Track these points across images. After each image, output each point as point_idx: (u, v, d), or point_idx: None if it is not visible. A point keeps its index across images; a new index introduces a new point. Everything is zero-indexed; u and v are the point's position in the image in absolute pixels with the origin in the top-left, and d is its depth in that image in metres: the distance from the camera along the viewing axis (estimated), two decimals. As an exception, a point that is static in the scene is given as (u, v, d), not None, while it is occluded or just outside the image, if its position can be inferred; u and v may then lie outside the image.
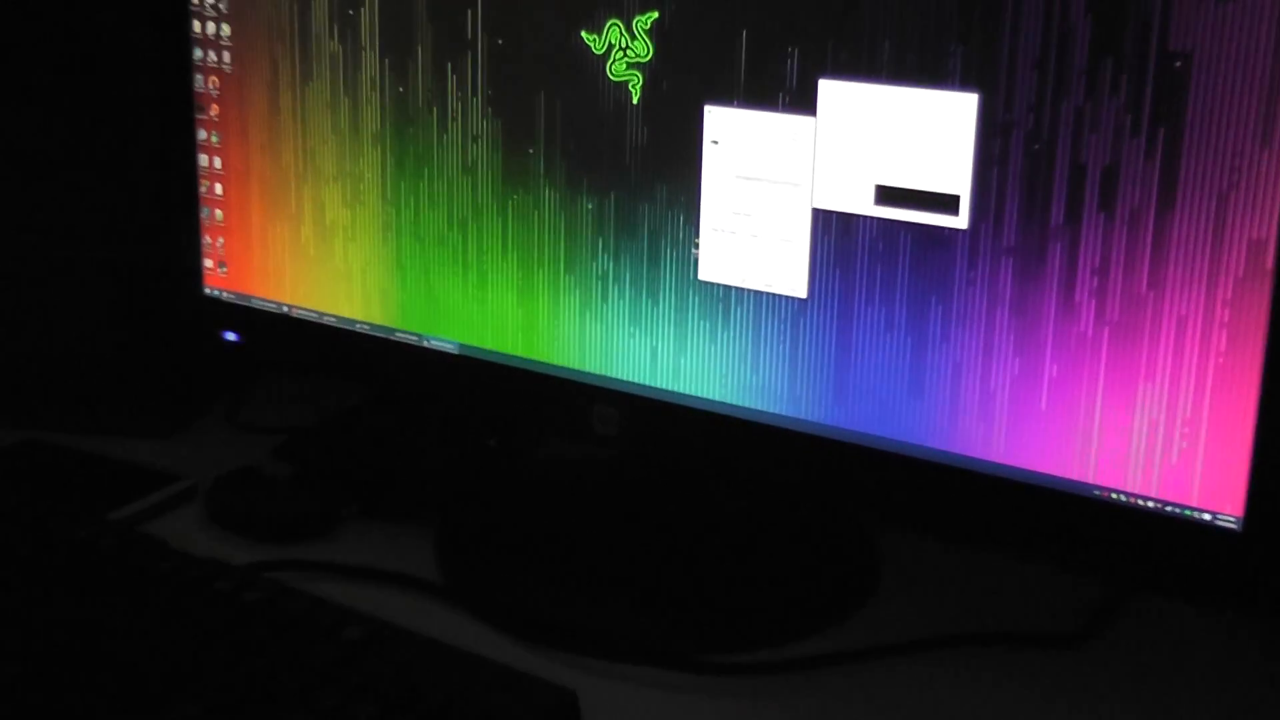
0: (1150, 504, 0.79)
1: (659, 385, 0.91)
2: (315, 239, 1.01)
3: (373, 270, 0.99)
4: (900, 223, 0.81)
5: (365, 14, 0.94)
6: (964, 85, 0.78)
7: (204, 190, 1.05)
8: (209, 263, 1.06)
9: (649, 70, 0.86)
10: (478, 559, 0.96)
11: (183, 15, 1.01)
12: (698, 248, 0.87)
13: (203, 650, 0.78)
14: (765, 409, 0.88)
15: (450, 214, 0.95)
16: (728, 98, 0.84)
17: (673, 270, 0.88)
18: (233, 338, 1.07)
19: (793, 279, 0.85)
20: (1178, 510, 0.79)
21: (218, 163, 1.04)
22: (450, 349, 0.98)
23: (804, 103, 0.82)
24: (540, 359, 0.94)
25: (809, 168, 0.83)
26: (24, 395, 1.13)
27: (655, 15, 0.85)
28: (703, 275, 0.88)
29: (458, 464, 1.05)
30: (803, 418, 0.87)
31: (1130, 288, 0.76)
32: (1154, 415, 0.78)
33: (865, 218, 0.82)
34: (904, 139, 0.80)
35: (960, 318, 0.81)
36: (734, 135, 0.84)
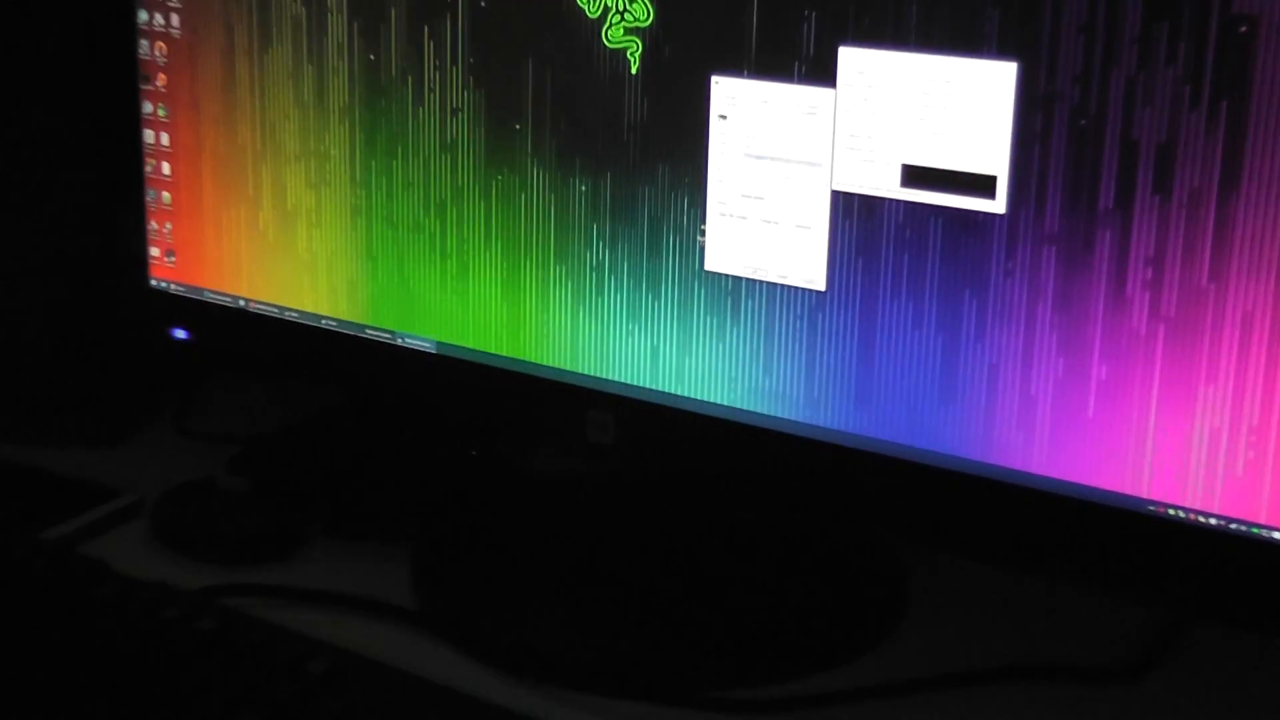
0: (1212, 521, 0.80)
1: (660, 388, 0.91)
2: (275, 224, 1.01)
3: (340, 260, 0.99)
4: (930, 207, 0.81)
5: (331, -28, 0.95)
6: (1001, 53, 0.78)
7: (150, 170, 1.05)
8: (155, 251, 1.06)
9: (649, 36, 0.86)
10: (458, 583, 0.96)
11: (125, -27, 1.01)
12: (704, 235, 0.88)
13: (148, 686, 0.78)
14: (779, 414, 0.88)
15: (427, 197, 0.95)
16: (737, 67, 0.84)
17: (676, 260, 0.89)
18: (182, 335, 1.07)
19: (810, 269, 0.85)
20: (1243, 528, 0.79)
21: (165, 139, 1.04)
22: (427, 348, 0.98)
23: (822, 72, 0.82)
24: (528, 359, 0.95)
25: (828, 145, 0.83)
26: (-52, 400, 1.13)
27: (656, -26, 0.85)
28: (709, 265, 0.88)
29: (436, 477, 1.05)
30: (821, 424, 0.87)
31: (1189, 280, 0.77)
32: (1216, 422, 0.78)
33: (891, 201, 0.82)
34: (934, 113, 0.80)
35: (997, 313, 0.81)
36: (744, 109, 0.85)
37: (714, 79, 0.85)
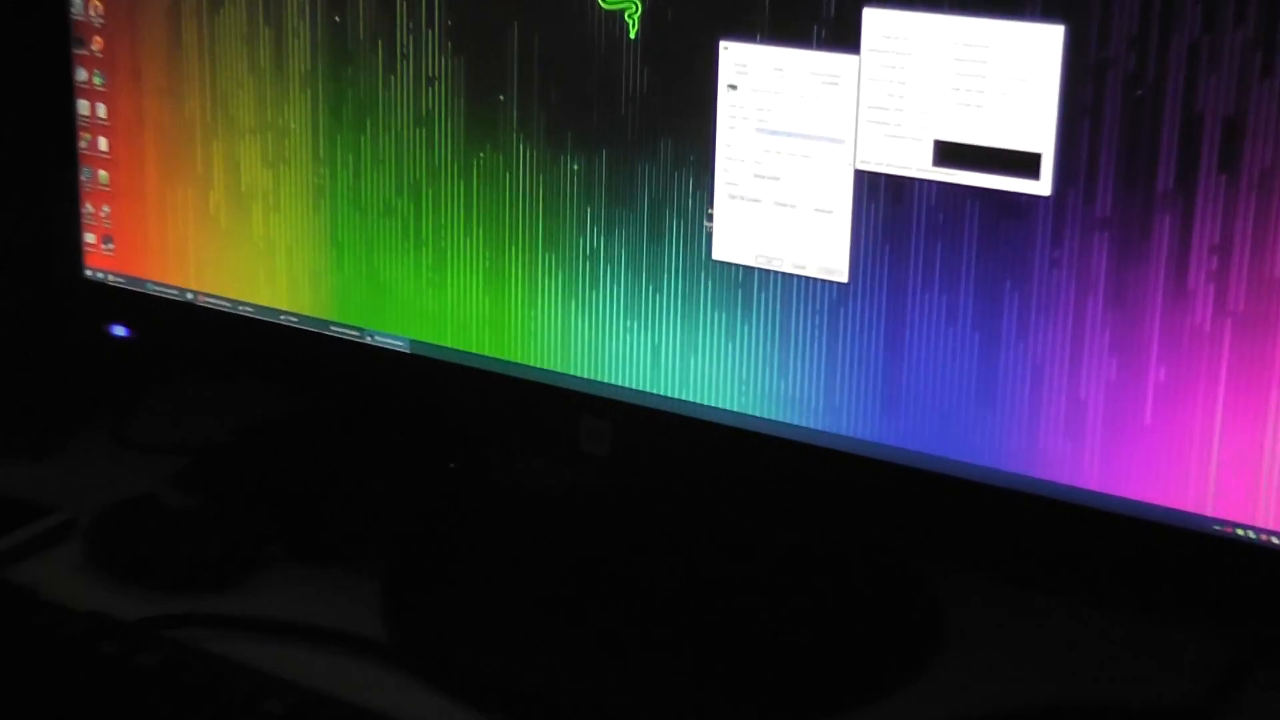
0: (1283, 543, 0.80)
1: (662, 392, 0.91)
2: (228, 207, 1.01)
3: (301, 247, 0.99)
4: (966, 188, 0.81)
5: (290, -78, 0.95)
6: (1047, 14, 0.78)
7: (84, 145, 1.05)
8: (91, 238, 1.06)
9: (650, -5, 0.87)
10: (434, 612, 0.96)
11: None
12: (711, 220, 0.88)
13: (86, 728, 0.79)
14: (795, 422, 0.88)
15: (399, 177, 0.95)
16: (748, 30, 0.84)
17: (679, 248, 0.89)
18: (122, 333, 1.07)
19: (830, 259, 0.85)
20: (1319, 551, 0.80)
21: (102, 110, 1.04)
22: (400, 347, 0.98)
23: (844, 36, 0.82)
24: (514, 359, 0.95)
25: (851, 119, 0.83)
26: None
27: (657, -75, 0.85)
28: (718, 254, 0.88)
29: (409, 492, 1.05)
30: (842, 433, 0.87)
31: (1258, 270, 0.77)
32: (1288, 431, 0.78)
33: (922, 182, 0.82)
34: (970, 83, 0.80)
35: (1042, 308, 0.81)
36: (756, 78, 0.85)
37: (722, 44, 0.85)
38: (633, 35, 0.86)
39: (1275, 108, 0.74)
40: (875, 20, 0.81)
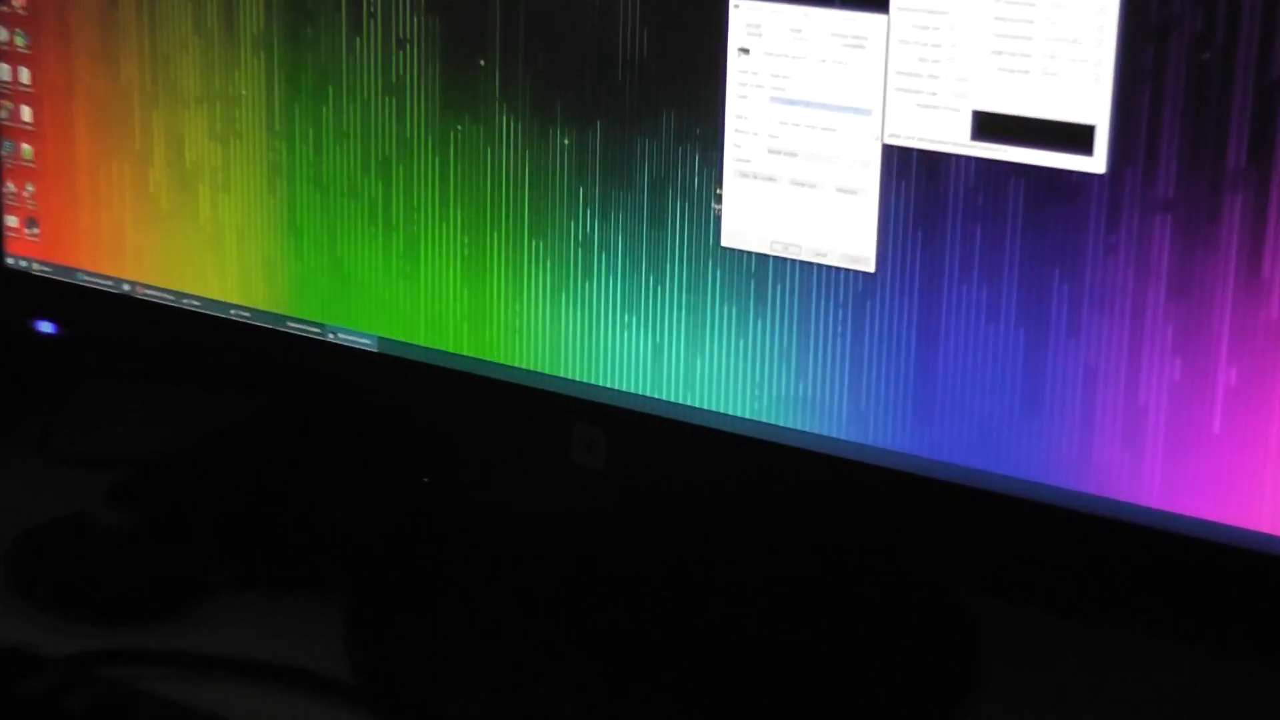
0: (1370, 568, 0.80)
1: (664, 396, 0.91)
2: (170, 187, 1.01)
3: (254, 233, 0.99)
4: (1009, 165, 0.81)
5: None
6: (1102, -32, 0.78)
7: (4, 116, 1.05)
8: (13, 221, 1.06)
9: (650, -55, 0.87)
10: (404, 648, 0.96)
11: None
12: (720, 202, 0.88)
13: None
14: (816, 431, 0.88)
15: (366, 152, 0.95)
16: (763, -15, 0.85)
17: (684, 234, 0.89)
18: (49, 329, 1.07)
19: (856, 245, 0.85)
20: None
21: (25, 75, 1.04)
22: (366, 345, 0.98)
23: (873, -7, 0.83)
24: (495, 360, 0.95)
25: (878, 87, 0.83)
26: None
27: None
28: (727, 241, 0.88)
29: (376, 511, 1.05)
30: (869, 444, 0.87)
31: (1341, 258, 0.77)
32: (1375, 441, 0.78)
33: (959, 158, 0.82)
34: (1014, 45, 0.80)
35: (1096, 301, 0.81)
36: (772, 40, 0.85)
37: (733, 2, 0.85)
38: (631, -9, 0.87)
39: (1360, 74, 0.74)
40: (907, -25, 0.81)
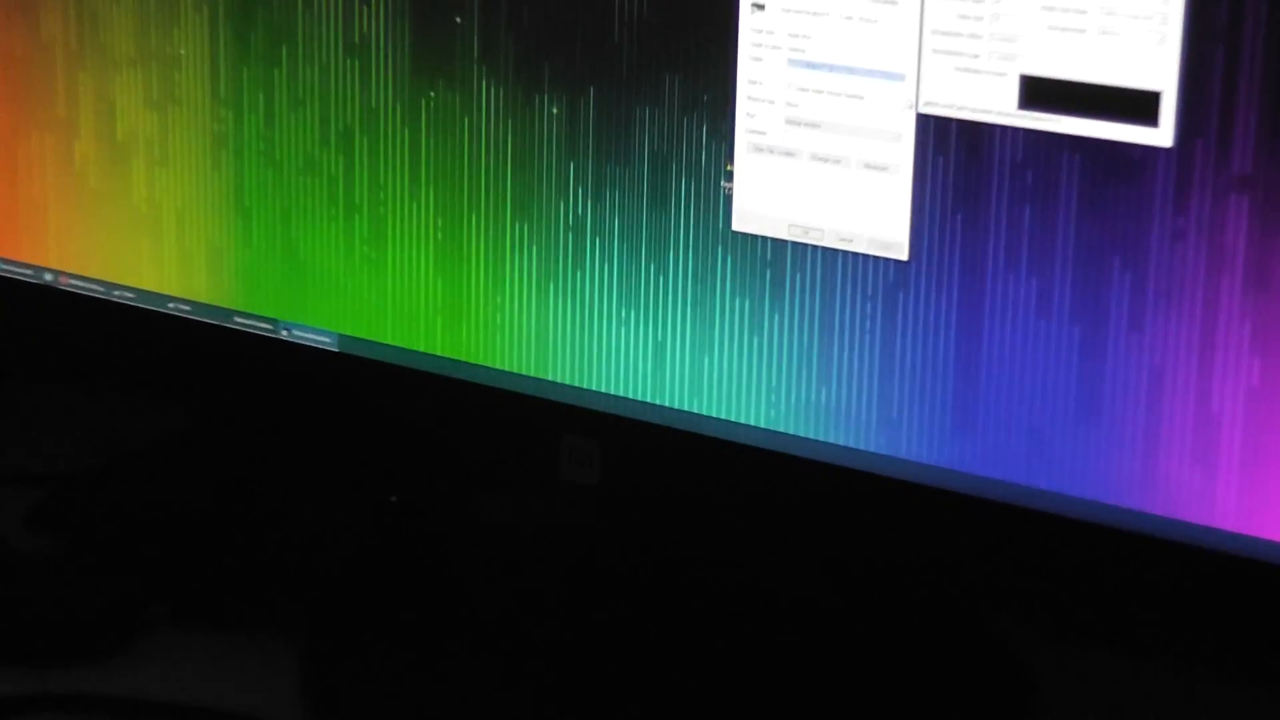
0: None
1: (666, 403, 0.91)
2: (100, 162, 1.01)
3: (196, 215, 0.99)
4: (1062, 138, 0.81)
5: None
6: (1168, -88, 0.78)
7: (-84, 83, 1.05)
8: (-75, 202, 1.07)
9: (651, -113, 0.87)
10: (367, 691, 0.96)
11: None
12: (731, 180, 0.88)
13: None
14: (840, 443, 0.88)
15: (326, 122, 0.95)
16: (780, -68, 0.85)
17: (690, 217, 0.89)
18: (-38, 325, 1.08)
19: (887, 230, 0.85)
20: None
21: (-61, 37, 1.04)
22: (325, 344, 0.98)
23: (906, -60, 0.83)
24: (473, 361, 0.95)
25: (913, 48, 0.83)
26: None
27: None
28: (739, 225, 0.88)
29: (336, 534, 1.05)
30: (902, 457, 0.87)
31: None
32: None
33: (1005, 130, 0.82)
34: (1066, 1, 0.79)
35: (1162, 293, 0.81)
36: (791, -6, 0.86)
37: (746, -50, 0.86)
38: (629, -61, 0.87)
39: None
40: (944, -80, 0.82)
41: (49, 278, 1.04)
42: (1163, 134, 0.79)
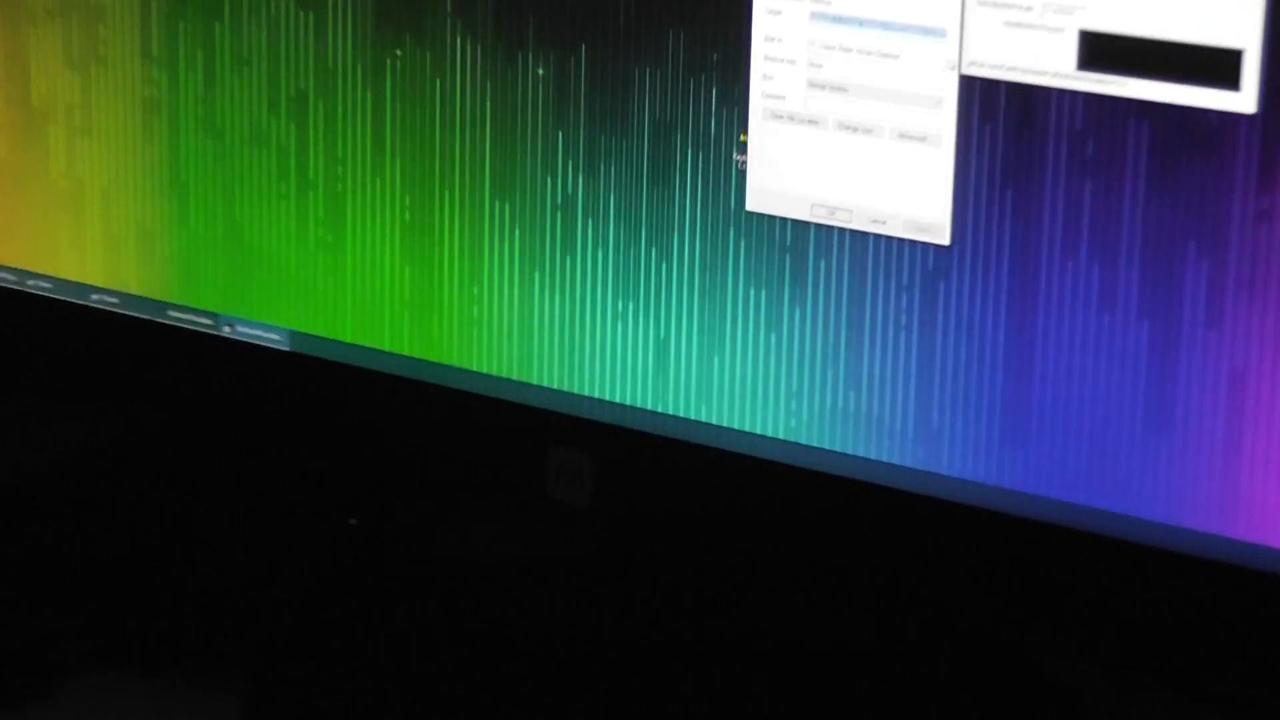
0: None
1: (668, 411, 0.91)
2: (10, 131, 1.02)
3: (125, 192, 1.00)
4: (1129, 103, 0.81)
5: None
6: None
7: None
8: None
9: None
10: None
11: None
12: (744, 152, 0.88)
13: None
14: (873, 457, 0.88)
15: (275, 85, 0.96)
16: None
17: (697, 195, 0.89)
18: None
19: (925, 210, 0.85)
20: None
21: None
22: (274, 342, 0.98)
23: (948, -126, 0.83)
24: (447, 362, 0.95)
25: (955, 0, 0.84)
26: None
27: None
28: (754, 204, 0.88)
29: (287, 562, 1.05)
30: (944, 473, 0.87)
31: None
32: None
33: (1062, 94, 0.82)
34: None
35: (1244, 283, 0.81)
36: (814, -64, 0.85)
37: (763, -114, 0.85)
38: (627, -127, 0.88)
39: None
40: None
41: (-45, 267, 1.05)
42: (1244, 98, 0.79)
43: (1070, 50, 0.81)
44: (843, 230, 0.87)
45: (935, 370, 0.86)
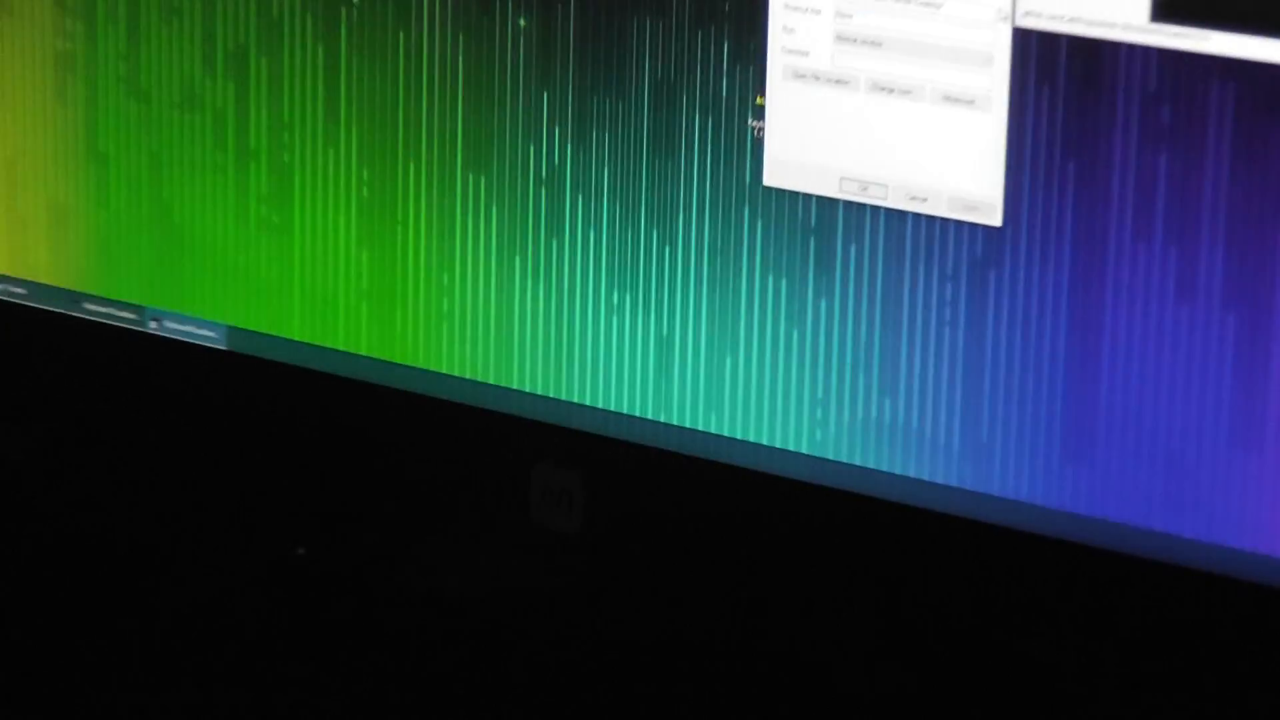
0: None
1: (670, 420, 0.91)
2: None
3: (34, 166, 1.00)
4: (1210, 61, 0.80)
5: None
6: None
7: None
8: None
9: None
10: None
11: None
12: (762, 118, 0.87)
13: None
14: (913, 475, 0.88)
15: (210, 40, 0.95)
16: None
17: (706, 167, 0.89)
18: None
19: (973, 185, 0.85)
20: None
21: None
22: (210, 340, 0.98)
23: None
24: (413, 364, 0.95)
25: (1010, -62, 0.83)
26: None
27: None
28: (772, 178, 0.88)
29: (225, 596, 1.05)
30: (996, 494, 0.87)
31: None
32: None
33: (1132, 50, 0.81)
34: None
35: (1350, 272, 0.81)
36: None
37: None
38: None
39: None
40: None
41: None
42: (1351, 56, 0.79)
43: (1141, 2, 0.81)
44: (876, 209, 0.86)
45: (985, 374, 0.86)
